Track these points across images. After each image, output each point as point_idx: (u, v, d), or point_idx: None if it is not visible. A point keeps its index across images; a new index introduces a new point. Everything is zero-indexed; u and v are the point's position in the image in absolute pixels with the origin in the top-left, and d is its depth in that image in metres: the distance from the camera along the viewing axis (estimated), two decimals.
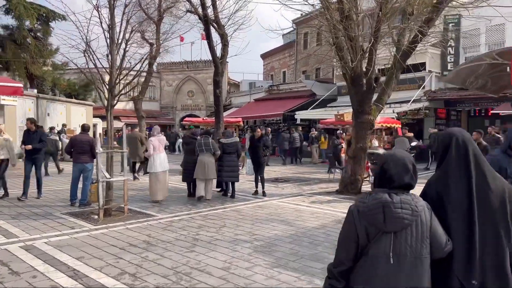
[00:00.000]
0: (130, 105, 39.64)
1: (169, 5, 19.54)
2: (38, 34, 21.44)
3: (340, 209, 8.21)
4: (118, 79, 7.51)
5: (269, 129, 19.61)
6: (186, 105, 41.46)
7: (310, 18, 33.36)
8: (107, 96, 7.51)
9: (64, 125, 21.28)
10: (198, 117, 40.07)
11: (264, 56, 41.87)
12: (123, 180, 7.47)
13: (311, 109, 22.15)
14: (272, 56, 40.40)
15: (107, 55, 7.51)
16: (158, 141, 9.03)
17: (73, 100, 24.34)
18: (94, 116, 28.53)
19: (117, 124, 36.69)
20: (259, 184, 9.84)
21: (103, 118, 33.75)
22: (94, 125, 28.30)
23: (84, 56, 7.18)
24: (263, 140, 9.85)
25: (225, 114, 29.58)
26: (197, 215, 7.53)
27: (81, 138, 8.35)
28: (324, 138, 19.40)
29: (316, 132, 20.09)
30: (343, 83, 23.11)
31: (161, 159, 8.99)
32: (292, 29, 30.00)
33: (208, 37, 13.71)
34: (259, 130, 10.03)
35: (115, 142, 8.97)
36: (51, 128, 16.53)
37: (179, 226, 6.71)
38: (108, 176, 7.24)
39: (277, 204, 8.73)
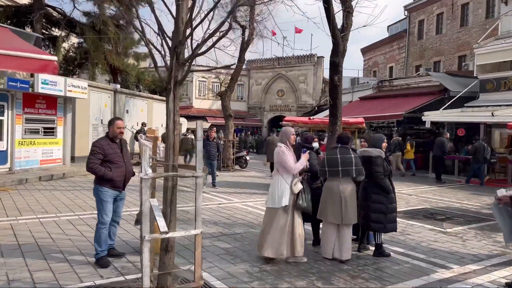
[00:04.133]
0: (217, 105, 37.32)
1: None
2: (121, 21, 19.16)
3: None
4: (190, 29, 3.69)
5: None
6: (275, 105, 37.89)
7: (427, 3, 27.70)
8: (169, 62, 3.75)
9: (143, 124, 18.77)
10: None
11: (365, 50, 36.69)
12: (194, 236, 3.61)
13: (443, 109, 16.87)
14: (375, 50, 35.08)
15: None
16: (292, 154, 5.12)
17: (156, 96, 21.90)
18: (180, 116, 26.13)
19: (203, 124, 34.28)
20: None
21: (188, 118, 31.51)
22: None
23: None
24: None
25: (321, 115, 25.28)
26: None
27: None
28: (411, 145, 16.34)
29: (399, 138, 16.81)
30: (491, 75, 17.49)
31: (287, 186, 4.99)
32: None
33: (326, 0, 9.56)
34: None
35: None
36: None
37: None
38: (164, 227, 3.43)
39: None
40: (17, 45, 5.90)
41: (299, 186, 4.96)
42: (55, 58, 6.11)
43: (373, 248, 5.48)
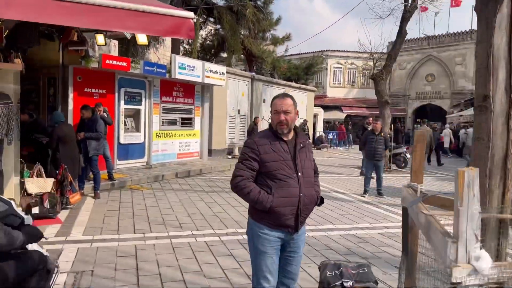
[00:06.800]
0: (353, 93, 34.01)
1: None
2: (258, 2, 17.60)
3: None
4: None
5: None
6: (423, 92, 32.84)
7: None
8: None
9: None
10: (440, 108, 31.03)
11: None
12: None
13: None
14: None
15: None
16: None
17: (293, 84, 19.97)
18: (315, 106, 23.88)
19: (338, 115, 31.51)
20: None
21: (325, 108, 29.06)
22: (315, 116, 23.66)
23: None
24: None
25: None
26: None
27: None
28: None
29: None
30: None
31: None
32: None
33: None
34: None
35: None
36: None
37: None
38: None
39: None
40: None
41: None
42: (191, 14, 4.19)
43: None
